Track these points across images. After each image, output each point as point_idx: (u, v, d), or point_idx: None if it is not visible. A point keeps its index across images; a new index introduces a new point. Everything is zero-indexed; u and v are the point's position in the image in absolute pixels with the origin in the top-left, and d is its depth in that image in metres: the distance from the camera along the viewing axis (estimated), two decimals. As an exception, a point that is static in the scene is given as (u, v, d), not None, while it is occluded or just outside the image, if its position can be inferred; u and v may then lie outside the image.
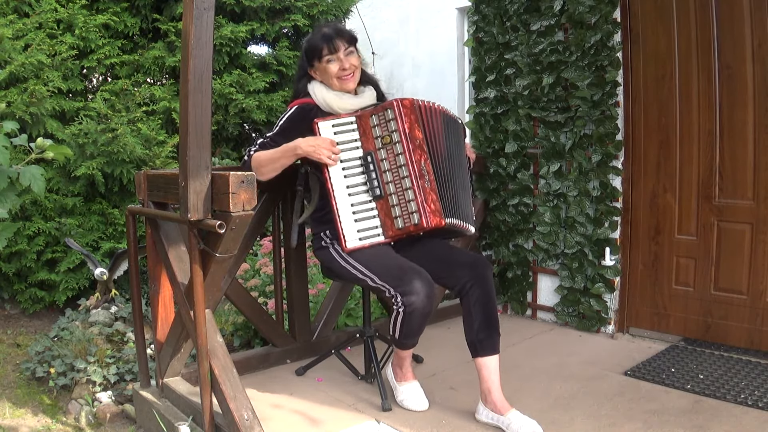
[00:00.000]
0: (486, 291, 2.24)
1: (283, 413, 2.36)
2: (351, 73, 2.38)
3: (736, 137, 2.79)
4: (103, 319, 3.41)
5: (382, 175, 2.27)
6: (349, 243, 2.25)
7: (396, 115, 2.25)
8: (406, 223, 2.24)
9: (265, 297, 3.31)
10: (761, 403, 2.31)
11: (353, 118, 2.31)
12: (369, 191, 2.28)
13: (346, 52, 2.37)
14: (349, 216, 2.25)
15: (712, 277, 2.91)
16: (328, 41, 2.35)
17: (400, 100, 2.28)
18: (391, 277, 2.18)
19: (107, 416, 2.73)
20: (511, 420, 2.14)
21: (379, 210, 2.28)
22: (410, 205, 2.23)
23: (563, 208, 3.27)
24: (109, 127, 3.84)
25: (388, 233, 2.27)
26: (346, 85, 2.38)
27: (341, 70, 2.36)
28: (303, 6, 4.87)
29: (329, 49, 2.35)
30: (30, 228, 3.78)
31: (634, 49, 3.04)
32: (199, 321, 2.11)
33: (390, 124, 2.26)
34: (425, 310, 2.16)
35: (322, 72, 2.40)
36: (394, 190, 2.25)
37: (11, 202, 1.68)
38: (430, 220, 2.22)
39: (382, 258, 2.25)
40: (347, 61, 2.36)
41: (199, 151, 1.97)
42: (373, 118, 2.29)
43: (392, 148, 2.26)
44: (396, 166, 2.26)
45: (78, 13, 4.14)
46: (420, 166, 2.25)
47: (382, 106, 2.29)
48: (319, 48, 2.36)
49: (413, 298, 2.12)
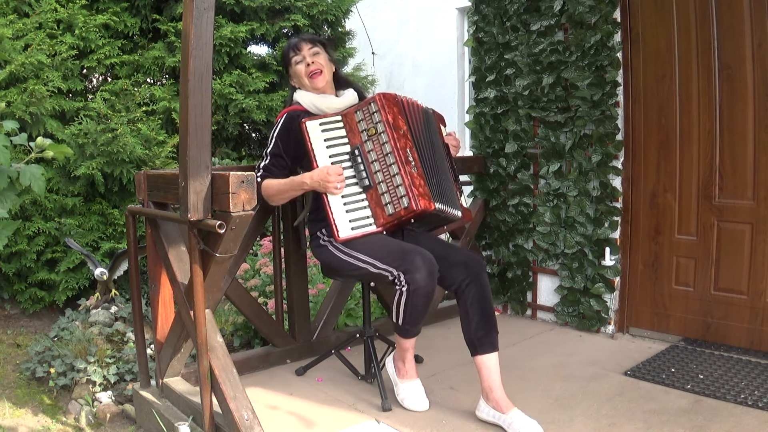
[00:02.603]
0: (482, 289, 2.27)
1: (283, 413, 2.36)
2: (318, 70, 2.48)
3: (736, 137, 2.79)
4: (103, 319, 3.41)
5: (370, 165, 2.34)
6: (342, 233, 2.30)
7: (379, 107, 2.34)
8: (396, 208, 2.28)
9: (265, 297, 3.31)
10: (761, 403, 2.31)
11: (339, 116, 2.40)
12: (358, 183, 2.34)
13: (310, 51, 2.49)
14: (340, 207, 2.31)
15: (712, 277, 2.91)
16: (292, 45, 2.52)
17: (382, 93, 2.38)
18: (393, 258, 2.21)
19: (107, 416, 2.73)
20: (513, 419, 2.14)
21: (369, 200, 2.33)
22: (399, 190, 2.28)
23: (563, 208, 3.27)
24: (109, 127, 3.84)
25: (379, 221, 2.32)
26: (315, 83, 2.48)
27: (306, 66, 2.47)
28: (303, 6, 4.87)
29: (294, 51, 2.50)
30: (30, 228, 3.77)
31: (634, 49, 3.04)
32: (199, 321, 2.11)
33: (374, 116, 2.35)
34: (428, 288, 2.18)
35: (295, 76, 2.52)
36: (382, 178, 2.32)
37: (11, 201, 1.68)
38: (419, 202, 2.26)
39: (382, 243, 2.29)
40: (311, 58, 2.47)
41: (199, 151, 1.98)
42: (358, 113, 2.38)
43: (378, 138, 2.34)
44: (383, 155, 2.32)
45: (78, 13, 4.14)
46: (405, 153, 2.32)
47: (366, 101, 2.40)
48: (287, 53, 2.52)
49: (417, 275, 2.15)
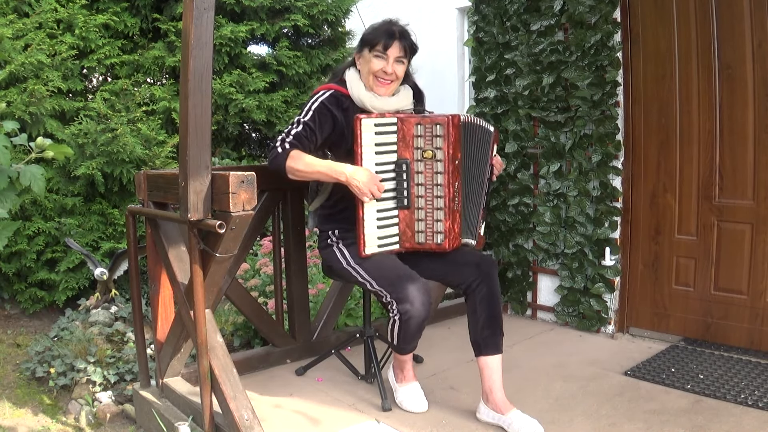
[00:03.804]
0: (491, 289, 2.25)
1: (283, 413, 2.36)
2: (390, 80, 2.28)
3: (736, 137, 2.79)
4: (103, 319, 3.41)
5: (414, 186, 2.22)
6: (368, 248, 2.21)
7: (444, 133, 2.17)
8: (428, 240, 2.23)
9: (265, 297, 3.31)
10: (761, 403, 2.31)
11: (395, 119, 2.21)
12: (396, 199, 2.23)
13: (396, 58, 2.26)
14: (373, 222, 2.21)
15: (712, 277, 2.91)
16: (389, 38, 2.24)
17: (450, 117, 2.18)
18: (387, 283, 2.18)
19: (107, 416, 2.73)
20: (512, 419, 2.14)
21: (401, 219, 2.24)
22: (437, 225, 2.21)
23: (563, 208, 3.27)
24: (109, 127, 3.84)
25: (404, 244, 2.26)
26: (379, 89, 2.28)
27: (382, 71, 2.26)
28: (303, 6, 4.87)
29: (384, 46, 2.24)
30: (30, 228, 3.77)
31: (634, 49, 3.04)
32: (199, 321, 2.11)
33: (436, 140, 2.18)
34: (420, 317, 2.15)
35: (365, 61, 2.29)
36: (423, 205, 2.22)
37: (11, 202, 1.68)
38: (452, 244, 2.25)
39: (381, 263, 2.24)
40: (392, 66, 2.26)
41: (199, 151, 1.97)
42: (419, 127, 2.19)
43: (432, 165, 2.19)
44: (432, 184, 2.21)
45: (78, 13, 4.14)
46: (454, 188, 2.22)
47: (431, 119, 2.20)
48: (377, 39, 2.25)
49: (407, 306, 2.12)
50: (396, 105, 2.32)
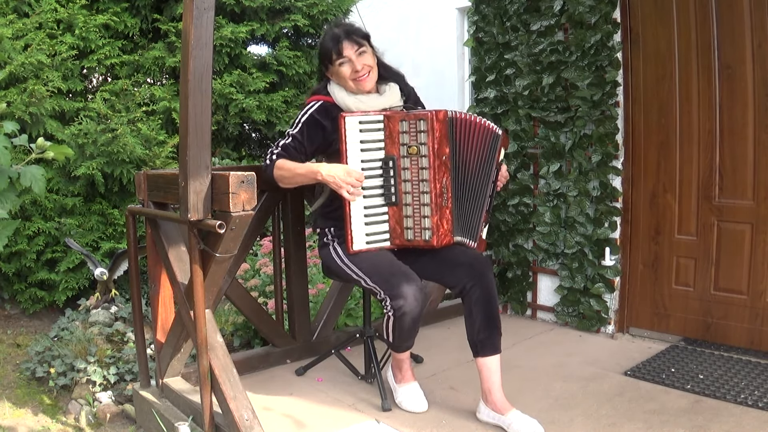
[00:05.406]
0: (486, 290, 2.23)
1: (283, 413, 2.36)
2: (365, 73, 2.29)
3: (736, 137, 2.79)
4: (103, 319, 3.41)
5: (401, 182, 2.23)
6: (356, 245, 2.23)
7: (428, 128, 2.19)
8: (416, 237, 2.23)
9: (265, 297, 3.31)
10: (761, 403, 2.31)
11: (381, 116, 2.23)
12: (384, 196, 2.24)
13: (357, 53, 2.27)
14: (360, 218, 2.23)
15: (712, 277, 2.91)
16: (337, 43, 2.27)
17: (435, 112, 2.20)
18: (380, 280, 2.18)
19: (107, 416, 2.73)
20: (512, 420, 2.14)
21: (391, 216, 2.26)
22: (424, 221, 2.22)
23: (563, 208, 3.27)
24: (109, 128, 3.84)
25: (395, 241, 2.27)
26: (362, 86, 2.29)
27: (354, 72, 2.27)
28: (303, 6, 4.87)
29: (338, 52, 2.26)
30: (30, 228, 3.77)
31: (634, 49, 3.04)
32: (199, 321, 2.11)
33: (420, 136, 2.20)
34: (414, 314, 2.16)
35: (336, 75, 2.32)
36: (410, 201, 2.23)
37: (11, 202, 1.68)
38: (441, 240, 2.23)
39: (375, 260, 2.24)
40: (359, 61, 2.27)
41: (199, 151, 1.98)
42: (403, 123, 2.21)
43: (417, 160, 2.21)
44: (418, 180, 2.22)
45: (78, 13, 4.14)
46: (441, 184, 2.22)
47: (415, 115, 2.22)
48: (330, 51, 2.28)
49: (401, 302, 2.12)
50: (383, 104, 2.33)
